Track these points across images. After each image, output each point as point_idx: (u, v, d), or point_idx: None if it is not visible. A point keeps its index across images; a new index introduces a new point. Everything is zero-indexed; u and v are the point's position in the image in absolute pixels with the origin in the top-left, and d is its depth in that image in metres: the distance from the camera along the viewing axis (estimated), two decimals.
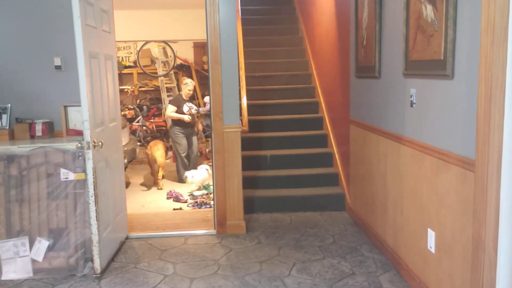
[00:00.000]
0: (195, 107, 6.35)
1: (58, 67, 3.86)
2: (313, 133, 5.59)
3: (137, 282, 3.20)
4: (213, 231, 4.14)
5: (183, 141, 6.17)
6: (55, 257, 3.37)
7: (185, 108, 6.13)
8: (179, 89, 8.97)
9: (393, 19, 3.22)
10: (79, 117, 3.67)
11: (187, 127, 6.15)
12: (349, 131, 4.45)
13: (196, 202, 5.15)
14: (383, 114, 3.48)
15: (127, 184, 5.96)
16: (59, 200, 3.37)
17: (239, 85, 4.46)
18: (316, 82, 6.15)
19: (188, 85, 6.27)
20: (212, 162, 4.13)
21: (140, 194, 5.66)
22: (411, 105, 2.93)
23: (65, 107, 3.85)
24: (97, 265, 3.23)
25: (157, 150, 5.99)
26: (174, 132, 6.17)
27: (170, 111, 6.12)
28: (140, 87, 8.86)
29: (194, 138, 6.38)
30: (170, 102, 6.34)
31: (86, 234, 3.35)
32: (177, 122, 6.11)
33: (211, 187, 4.94)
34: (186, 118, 6.03)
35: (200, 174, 5.61)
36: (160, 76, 8.36)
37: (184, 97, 6.23)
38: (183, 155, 6.17)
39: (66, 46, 3.78)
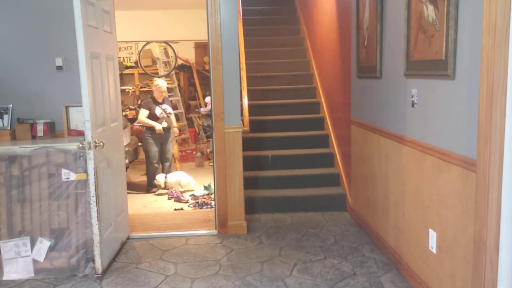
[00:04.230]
0: (169, 109, 5.91)
1: (59, 68, 3.87)
2: (314, 133, 5.59)
3: (139, 282, 3.21)
4: (214, 232, 4.14)
5: (154, 149, 5.75)
6: (57, 257, 3.37)
7: (158, 110, 5.74)
8: (180, 90, 8.99)
9: (394, 19, 3.22)
10: (81, 117, 3.67)
11: (158, 133, 5.75)
12: (350, 131, 4.45)
13: (197, 202, 5.15)
14: (384, 114, 3.48)
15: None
16: (60, 200, 3.37)
17: (240, 85, 4.46)
18: (317, 82, 6.15)
19: (160, 86, 5.80)
20: (213, 162, 4.13)
21: (141, 194, 5.67)
22: (413, 105, 2.92)
23: (67, 107, 3.86)
24: (99, 265, 3.24)
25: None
26: (145, 137, 5.77)
27: (143, 115, 5.69)
28: (141, 87, 8.86)
29: (169, 145, 5.93)
30: (142, 106, 5.86)
31: (88, 234, 3.36)
32: (148, 127, 5.75)
33: (213, 187, 4.94)
34: (158, 127, 5.63)
35: (176, 176, 5.63)
36: (162, 76, 8.36)
37: (157, 99, 5.83)
38: (154, 162, 5.77)
39: (67, 47, 3.79)
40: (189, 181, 5.65)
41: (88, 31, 3.18)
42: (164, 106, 5.87)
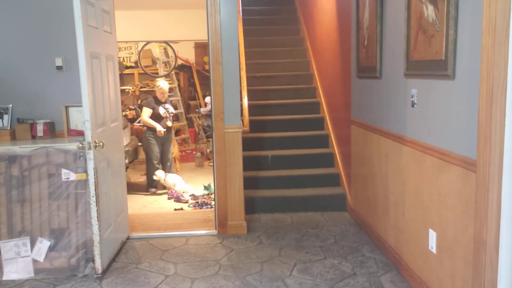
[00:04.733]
0: (171, 109, 5.96)
1: (59, 68, 3.87)
2: (314, 133, 5.59)
3: (138, 282, 3.21)
4: (214, 232, 4.14)
5: (155, 149, 5.74)
6: (57, 257, 3.37)
7: (161, 110, 5.74)
8: (180, 90, 8.99)
9: (394, 19, 3.22)
10: (80, 117, 3.68)
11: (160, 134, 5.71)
12: (350, 131, 4.45)
13: (197, 202, 5.16)
14: (384, 114, 3.48)
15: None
16: (60, 200, 3.37)
17: (240, 86, 4.46)
18: (317, 82, 6.15)
19: (161, 87, 5.81)
20: (213, 162, 4.13)
21: (141, 194, 5.66)
22: (412, 105, 2.92)
23: (67, 107, 3.86)
24: (98, 265, 3.24)
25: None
26: (147, 137, 5.75)
27: (146, 115, 5.68)
28: (141, 87, 8.86)
29: (170, 145, 5.96)
30: (144, 105, 5.84)
31: (88, 234, 3.36)
32: (150, 127, 5.74)
33: (213, 187, 4.94)
34: (159, 128, 5.62)
35: (174, 179, 5.58)
36: (161, 76, 8.36)
37: (160, 99, 5.81)
38: (155, 162, 5.74)
39: (67, 47, 3.79)
40: (184, 188, 5.60)
41: (88, 31, 3.18)
42: (167, 105, 5.89)
